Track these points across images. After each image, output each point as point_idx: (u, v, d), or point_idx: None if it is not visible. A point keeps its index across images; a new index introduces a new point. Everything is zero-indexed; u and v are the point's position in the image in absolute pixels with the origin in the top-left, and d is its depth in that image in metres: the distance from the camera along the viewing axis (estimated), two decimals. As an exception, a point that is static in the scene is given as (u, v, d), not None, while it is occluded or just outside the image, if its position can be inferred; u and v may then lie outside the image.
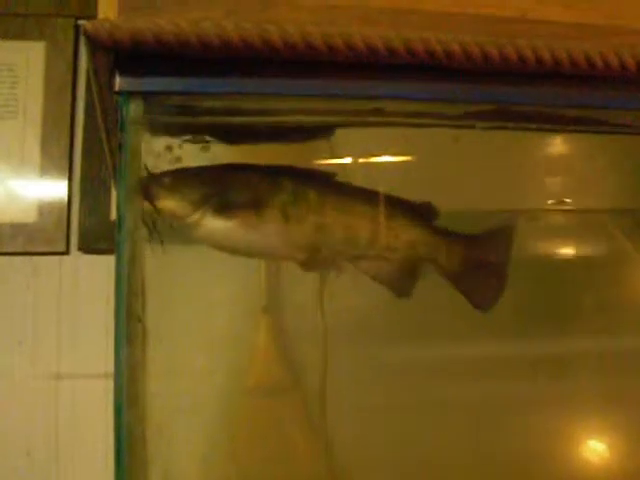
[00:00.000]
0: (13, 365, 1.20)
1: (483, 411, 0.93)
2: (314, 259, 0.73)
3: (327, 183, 0.74)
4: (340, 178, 0.75)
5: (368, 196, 0.75)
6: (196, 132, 0.70)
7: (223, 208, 0.69)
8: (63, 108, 1.29)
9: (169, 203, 0.68)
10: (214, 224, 0.69)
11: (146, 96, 0.61)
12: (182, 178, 0.70)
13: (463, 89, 0.64)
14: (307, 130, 0.74)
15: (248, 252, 0.74)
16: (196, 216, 0.69)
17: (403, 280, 0.77)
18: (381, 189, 0.75)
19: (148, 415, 0.62)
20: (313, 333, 0.92)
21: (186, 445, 0.81)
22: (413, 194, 0.79)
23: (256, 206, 0.70)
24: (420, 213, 0.78)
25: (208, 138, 0.72)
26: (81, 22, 1.29)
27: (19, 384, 1.19)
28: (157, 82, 0.61)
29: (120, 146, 0.61)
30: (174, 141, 0.70)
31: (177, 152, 0.70)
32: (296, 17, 0.61)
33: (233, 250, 0.73)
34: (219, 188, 0.70)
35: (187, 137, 0.71)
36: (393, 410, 0.92)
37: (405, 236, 0.77)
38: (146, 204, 0.66)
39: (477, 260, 0.79)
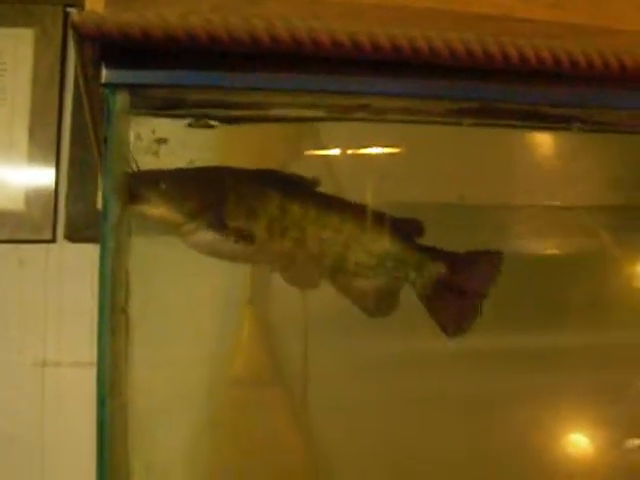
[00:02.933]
0: (-1, 353, 1.20)
1: (469, 405, 0.93)
2: (292, 271, 0.73)
3: (310, 193, 0.74)
4: (323, 186, 0.75)
5: (348, 209, 0.75)
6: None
7: (215, 221, 0.69)
8: (51, 96, 1.29)
9: (162, 211, 0.68)
10: (205, 236, 0.69)
11: (132, 89, 0.61)
12: (173, 184, 0.69)
13: (447, 86, 0.65)
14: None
15: (234, 260, 0.75)
16: (189, 227, 0.69)
17: (376, 300, 0.77)
18: (368, 201, 0.75)
19: (131, 406, 0.62)
20: (298, 325, 0.92)
21: (169, 436, 0.81)
22: (399, 186, 0.79)
23: (246, 219, 0.70)
24: (403, 229, 0.76)
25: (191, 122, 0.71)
26: (70, 9, 1.29)
27: (5, 371, 1.20)
28: (144, 75, 0.61)
29: (106, 139, 0.61)
30: (160, 133, 0.70)
31: (163, 145, 0.70)
32: (283, 12, 0.61)
33: (219, 257, 0.73)
34: (209, 197, 0.70)
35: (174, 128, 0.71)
36: (377, 403, 0.92)
37: (379, 252, 0.75)
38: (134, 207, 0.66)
39: (452, 283, 0.76)
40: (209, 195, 0.71)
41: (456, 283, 0.77)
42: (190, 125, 0.69)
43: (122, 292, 0.61)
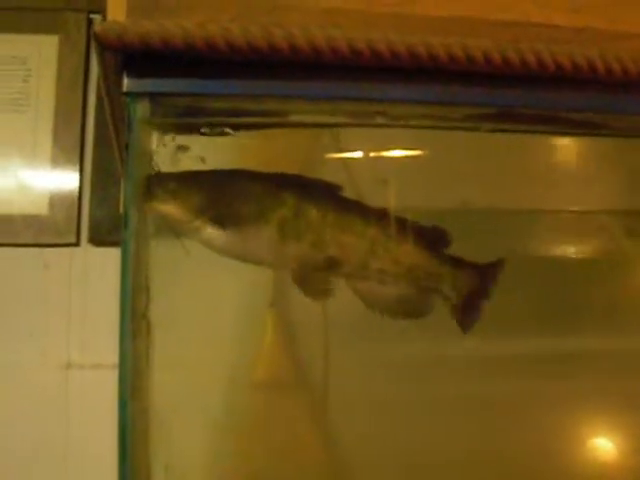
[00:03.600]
0: (24, 356, 1.21)
1: (488, 408, 0.93)
2: (307, 275, 0.73)
3: (331, 197, 0.73)
4: (346, 192, 0.75)
5: (371, 215, 0.74)
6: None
7: (223, 218, 0.70)
8: (75, 101, 1.30)
9: (170, 208, 0.69)
10: (213, 233, 0.70)
11: (153, 97, 0.62)
12: (186, 183, 0.70)
13: (466, 92, 0.65)
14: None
15: (245, 260, 0.75)
16: (196, 223, 0.69)
17: (400, 306, 0.76)
18: (391, 208, 0.75)
19: (152, 409, 0.63)
20: (320, 329, 0.93)
21: (189, 438, 0.82)
22: (416, 192, 0.80)
23: (255, 219, 0.70)
24: (429, 239, 0.75)
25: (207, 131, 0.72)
26: (93, 16, 1.31)
27: (30, 374, 1.21)
28: (164, 83, 0.62)
29: (127, 146, 0.62)
30: (180, 141, 0.70)
31: (183, 152, 0.71)
32: (301, 20, 0.62)
33: (230, 257, 0.73)
34: (221, 198, 0.71)
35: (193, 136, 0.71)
36: (399, 406, 0.92)
37: (406, 261, 0.74)
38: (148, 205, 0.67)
39: (477, 290, 0.77)
40: (216, 193, 0.71)
41: (478, 289, 0.77)
42: (204, 133, 0.70)
43: (143, 297, 0.62)
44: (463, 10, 0.65)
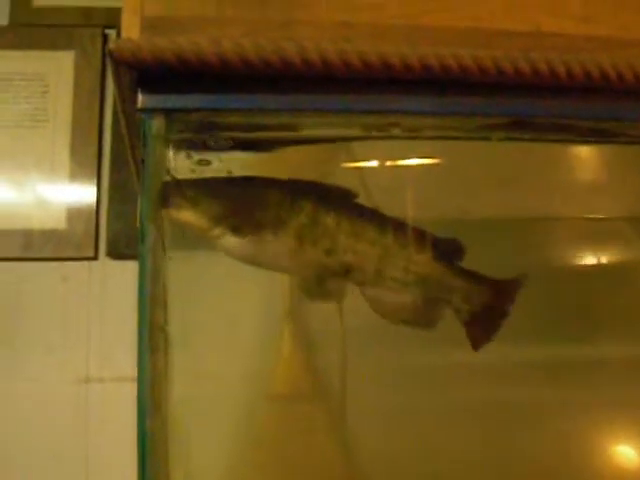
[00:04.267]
0: (43, 369, 1.22)
1: (506, 417, 0.93)
2: (319, 288, 0.74)
3: (347, 205, 0.74)
4: (361, 198, 0.75)
5: (386, 224, 0.74)
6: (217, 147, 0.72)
7: (241, 226, 0.70)
8: (92, 115, 1.31)
9: (188, 214, 0.69)
10: (231, 240, 0.70)
11: (168, 113, 0.63)
12: (203, 190, 0.70)
13: (478, 103, 0.65)
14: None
15: (262, 267, 0.75)
16: (215, 232, 0.70)
17: (410, 315, 0.75)
18: (408, 218, 0.75)
19: (171, 422, 0.64)
20: (337, 339, 0.93)
21: (208, 451, 0.82)
22: (427, 202, 0.80)
23: (273, 226, 0.71)
24: (443, 250, 0.74)
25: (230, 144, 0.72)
26: (108, 31, 1.32)
27: (49, 388, 1.22)
28: (178, 99, 0.62)
29: (143, 161, 0.63)
30: (196, 156, 0.71)
31: (198, 167, 0.72)
32: (313, 34, 0.62)
33: (249, 263, 0.74)
34: (239, 204, 0.71)
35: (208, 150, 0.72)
36: (416, 414, 0.92)
37: (417, 271, 0.74)
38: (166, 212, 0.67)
39: (491, 306, 0.75)
40: (234, 201, 0.72)
41: (499, 309, 0.76)
42: (209, 145, 0.70)
43: (161, 311, 0.63)
44: (474, 21, 0.65)
